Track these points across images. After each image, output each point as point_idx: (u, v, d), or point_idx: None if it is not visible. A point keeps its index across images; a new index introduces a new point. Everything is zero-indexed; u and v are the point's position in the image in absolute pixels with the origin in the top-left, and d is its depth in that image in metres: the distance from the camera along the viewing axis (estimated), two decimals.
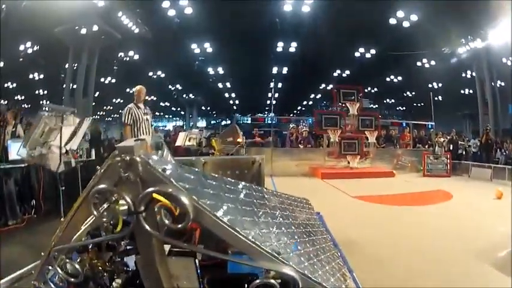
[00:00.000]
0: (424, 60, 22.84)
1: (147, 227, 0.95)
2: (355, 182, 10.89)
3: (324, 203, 8.27)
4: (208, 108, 33.91)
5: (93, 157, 8.57)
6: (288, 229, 1.24)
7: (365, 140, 13.52)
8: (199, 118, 32.77)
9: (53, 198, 5.98)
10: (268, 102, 28.06)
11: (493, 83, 20.06)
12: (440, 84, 23.92)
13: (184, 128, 26.21)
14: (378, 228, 6.06)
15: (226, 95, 31.18)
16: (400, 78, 26.56)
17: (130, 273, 1.26)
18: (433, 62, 22.65)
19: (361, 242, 5.23)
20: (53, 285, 1.15)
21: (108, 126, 25.81)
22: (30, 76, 20.06)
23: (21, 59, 17.22)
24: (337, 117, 13.72)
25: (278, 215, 1.31)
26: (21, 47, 16.88)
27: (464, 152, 15.09)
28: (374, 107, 25.44)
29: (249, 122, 25.49)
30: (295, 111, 31.04)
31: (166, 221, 0.93)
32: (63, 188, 5.59)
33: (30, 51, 17.33)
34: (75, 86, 18.42)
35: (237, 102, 32.11)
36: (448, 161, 12.87)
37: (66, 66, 18.48)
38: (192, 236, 1.29)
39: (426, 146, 14.90)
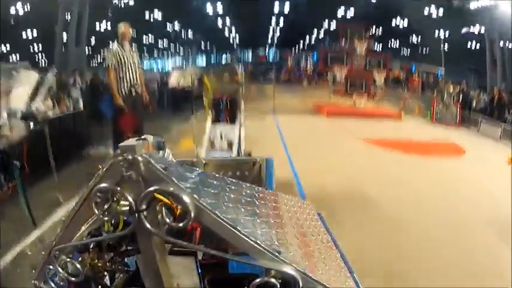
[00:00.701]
0: (433, 9, 21.44)
1: (149, 226, 0.96)
2: (362, 123, 10.34)
3: (332, 146, 8.02)
4: (208, 47, 32.20)
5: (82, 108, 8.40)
6: (289, 229, 1.24)
7: (372, 80, 12.98)
8: (199, 56, 31.16)
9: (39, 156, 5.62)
10: (270, 39, 26.69)
11: (502, 43, 18.97)
12: (447, 34, 22.70)
13: (184, 68, 25.06)
14: (395, 183, 5.71)
15: (226, 33, 29.41)
16: (406, 23, 25.13)
17: (131, 273, 1.28)
18: (440, 13, 21.26)
19: (379, 200, 4.98)
20: (53, 285, 1.16)
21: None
22: (24, 36, 18.48)
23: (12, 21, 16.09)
24: (343, 55, 13.04)
25: (279, 215, 1.31)
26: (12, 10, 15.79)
27: (474, 105, 14.49)
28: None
29: (250, 60, 24.32)
30: (298, 48, 29.63)
31: (168, 220, 0.94)
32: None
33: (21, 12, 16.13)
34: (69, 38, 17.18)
35: (237, 39, 30.42)
36: (458, 111, 12.29)
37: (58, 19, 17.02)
38: (192, 235, 1.35)
39: (434, 93, 14.23)
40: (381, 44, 24.77)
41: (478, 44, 21.31)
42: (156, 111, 12.92)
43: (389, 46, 28.87)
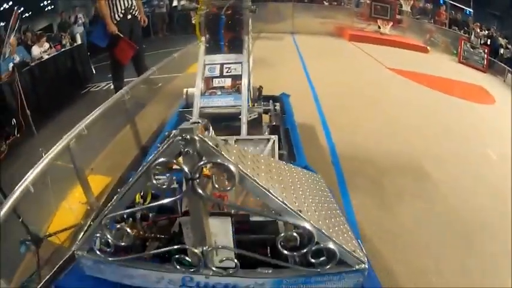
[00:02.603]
0: None
1: (200, 191, 1.19)
2: (387, 50, 9.72)
3: (359, 73, 7.41)
4: None
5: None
6: (306, 197, 1.46)
7: (398, 7, 12.02)
8: None
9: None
10: None
11: None
12: None
13: None
14: (428, 121, 5.22)
15: None
16: None
17: (166, 238, 1.52)
18: None
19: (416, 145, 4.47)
20: (99, 252, 1.36)
21: None
22: None
23: None
24: None
25: (299, 184, 1.56)
26: None
27: (501, 53, 13.55)
28: None
29: None
30: None
31: (217, 186, 1.21)
32: None
33: None
34: None
35: None
36: (486, 55, 11.35)
37: None
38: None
39: (462, 32, 13.24)
40: None
41: None
42: (166, 36, 12.10)
43: None
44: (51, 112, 5.69)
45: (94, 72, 8.00)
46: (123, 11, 5.28)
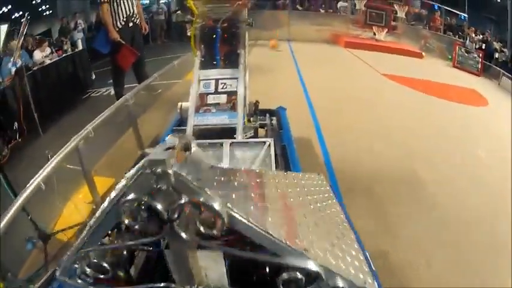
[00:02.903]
0: None
1: (183, 234, 1.00)
2: (382, 57, 9.90)
3: (354, 80, 7.53)
4: None
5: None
6: (308, 217, 1.28)
7: (393, 13, 12.21)
8: None
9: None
10: None
11: None
12: None
13: None
14: (423, 123, 5.36)
15: None
16: None
17: (151, 265, 1.38)
18: None
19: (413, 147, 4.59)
20: (80, 281, 1.21)
21: None
22: None
23: None
24: None
25: (302, 198, 1.41)
26: None
27: (496, 57, 13.69)
28: None
29: None
30: None
31: (202, 229, 1.00)
32: None
33: None
34: None
35: None
36: (480, 60, 11.50)
37: None
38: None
39: (456, 37, 13.40)
40: None
41: None
42: (164, 43, 12.25)
43: None
44: (53, 116, 5.76)
45: (94, 77, 8.10)
46: (124, 19, 5.42)
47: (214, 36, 3.21)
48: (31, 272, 2.40)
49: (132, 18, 5.52)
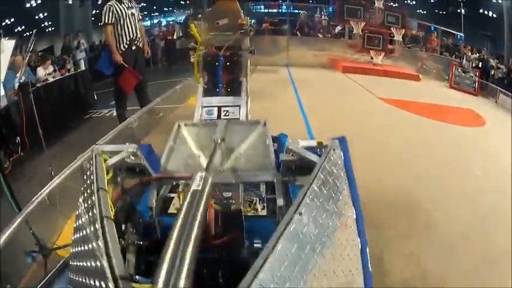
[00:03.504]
0: None
1: None
2: (380, 81, 10.03)
3: (352, 105, 7.60)
4: None
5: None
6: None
7: (390, 36, 12.27)
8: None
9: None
10: None
11: None
12: None
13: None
14: (418, 145, 5.43)
15: None
16: None
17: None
18: None
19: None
20: None
21: None
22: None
23: None
24: (360, 7, 12.18)
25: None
26: None
27: (492, 74, 13.83)
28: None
29: (261, 10, 22.65)
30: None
31: None
32: None
33: None
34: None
35: None
36: (477, 78, 11.65)
37: None
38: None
39: (453, 57, 13.54)
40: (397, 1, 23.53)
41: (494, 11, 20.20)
42: (165, 68, 12.50)
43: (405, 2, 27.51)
44: (55, 133, 5.80)
45: (96, 98, 8.20)
46: (128, 42, 5.52)
47: (217, 63, 3.35)
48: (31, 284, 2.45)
49: (135, 42, 5.62)
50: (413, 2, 29.38)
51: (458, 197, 4.10)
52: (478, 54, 13.41)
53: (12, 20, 15.88)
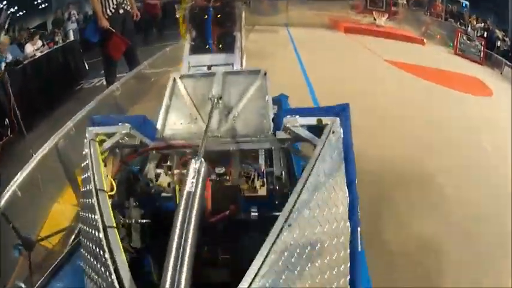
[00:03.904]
0: None
1: None
2: (383, 43, 9.73)
3: (356, 66, 7.32)
4: None
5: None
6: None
7: None
8: None
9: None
10: None
11: None
12: None
13: None
14: (428, 113, 5.11)
15: None
16: None
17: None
18: None
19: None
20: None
21: None
22: None
23: None
24: None
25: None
26: None
27: (498, 46, 13.47)
28: None
29: None
30: None
31: None
32: None
33: None
34: None
35: None
36: (482, 48, 11.26)
37: None
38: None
39: (458, 24, 13.12)
40: None
41: None
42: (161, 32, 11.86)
43: None
44: (45, 110, 5.68)
45: (87, 68, 7.92)
46: (115, 6, 5.19)
47: (206, 16, 2.89)
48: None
49: (123, 5, 5.29)
50: None
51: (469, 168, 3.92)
52: (483, 24, 12.91)
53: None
